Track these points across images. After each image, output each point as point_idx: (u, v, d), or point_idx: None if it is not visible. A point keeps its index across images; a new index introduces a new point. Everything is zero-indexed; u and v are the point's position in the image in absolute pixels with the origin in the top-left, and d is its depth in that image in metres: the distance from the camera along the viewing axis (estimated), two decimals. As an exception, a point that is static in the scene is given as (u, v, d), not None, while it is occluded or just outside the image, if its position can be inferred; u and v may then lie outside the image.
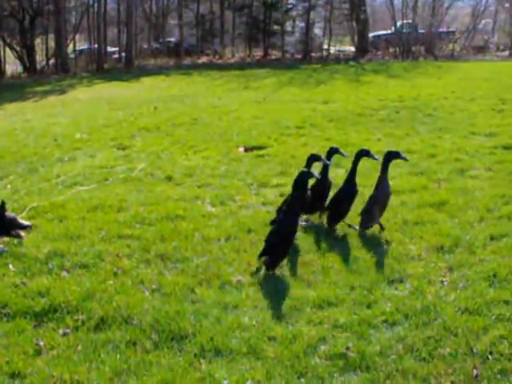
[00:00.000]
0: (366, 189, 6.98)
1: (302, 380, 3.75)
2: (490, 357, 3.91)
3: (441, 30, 37.06)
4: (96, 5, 34.05)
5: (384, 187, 6.22)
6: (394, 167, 8.49)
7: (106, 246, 5.88)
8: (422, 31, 35.80)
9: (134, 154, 9.96)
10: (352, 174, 6.30)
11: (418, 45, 35.29)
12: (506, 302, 4.58)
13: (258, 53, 38.28)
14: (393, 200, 7.03)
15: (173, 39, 39.51)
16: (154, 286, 5.02)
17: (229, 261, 5.47)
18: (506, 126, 11.22)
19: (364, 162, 6.67)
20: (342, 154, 6.70)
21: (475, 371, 3.76)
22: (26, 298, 4.81)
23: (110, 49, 36.55)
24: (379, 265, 5.31)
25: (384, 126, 11.66)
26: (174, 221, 6.53)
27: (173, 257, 5.62)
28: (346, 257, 5.51)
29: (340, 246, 5.80)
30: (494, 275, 5.02)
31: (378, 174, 6.31)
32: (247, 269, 5.29)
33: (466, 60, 31.46)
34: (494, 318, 4.36)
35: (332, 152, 6.66)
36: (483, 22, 40.48)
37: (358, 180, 6.34)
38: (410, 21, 35.44)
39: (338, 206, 6.24)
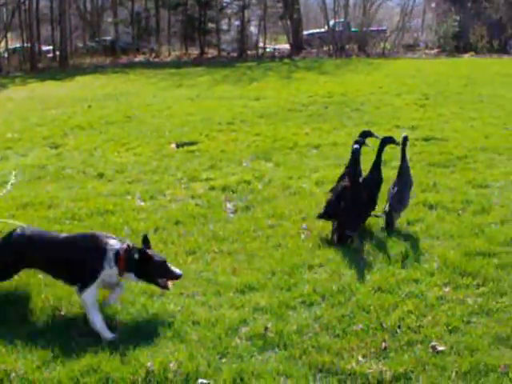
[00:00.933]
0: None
1: (224, 360, 3.97)
2: (398, 330, 4.24)
3: (372, 28, 37.94)
4: (27, 1, 33.41)
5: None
6: (320, 159, 8.89)
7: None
8: (355, 30, 36.59)
9: (66, 153, 10.04)
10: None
11: (350, 43, 36.01)
12: (416, 281, 4.94)
13: (194, 51, 38.37)
14: (317, 190, 7.40)
15: (108, 38, 39.19)
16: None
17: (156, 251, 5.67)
18: (427, 120, 11.75)
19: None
20: (375, 136, 6.74)
21: (384, 344, 4.07)
22: None
23: (44, 47, 36.05)
24: (301, 251, 5.59)
25: (312, 120, 12.04)
26: (103, 216, 6.69)
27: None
28: (269, 244, 5.79)
29: (265, 234, 6.06)
30: (407, 256, 5.38)
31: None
32: (174, 259, 5.50)
33: (397, 58, 32.29)
34: (403, 295, 4.70)
35: (365, 135, 6.71)
36: (415, 20, 41.60)
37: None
38: (343, 19, 36.14)
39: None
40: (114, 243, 4.42)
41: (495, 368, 3.75)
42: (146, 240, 4.60)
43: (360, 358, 3.92)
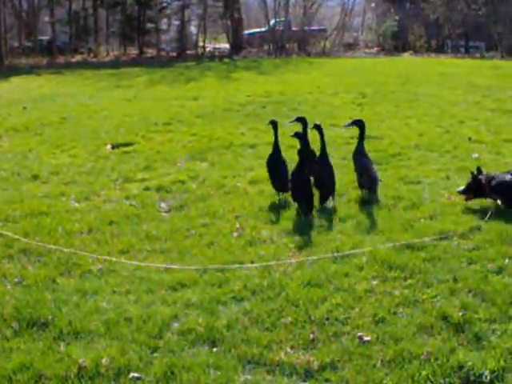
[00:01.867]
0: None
1: (155, 354, 4.02)
2: (326, 322, 4.34)
3: (313, 27, 38.33)
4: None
5: None
6: (255, 158, 8.98)
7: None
8: (296, 29, 36.90)
9: (0, 155, 9.89)
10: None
11: (291, 42, 36.31)
12: (346, 275, 5.06)
13: (133, 51, 38.08)
14: (251, 189, 7.49)
15: (45, 37, 38.51)
16: (16, 280, 5.14)
17: (90, 251, 5.68)
18: (363, 118, 11.88)
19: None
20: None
21: (312, 335, 4.17)
22: None
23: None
24: (233, 248, 5.67)
25: (249, 120, 12.14)
26: (37, 217, 6.65)
27: (36, 251, 5.75)
28: (202, 242, 5.85)
29: (198, 233, 6.12)
30: (338, 251, 5.50)
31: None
32: (107, 258, 5.52)
33: (337, 57, 32.74)
34: (332, 288, 4.82)
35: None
36: (355, 20, 42.24)
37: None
38: (284, 19, 36.41)
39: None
40: None
41: (418, 355, 3.88)
42: None
43: (288, 350, 4.01)
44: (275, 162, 7.21)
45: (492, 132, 10.43)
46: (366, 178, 7.02)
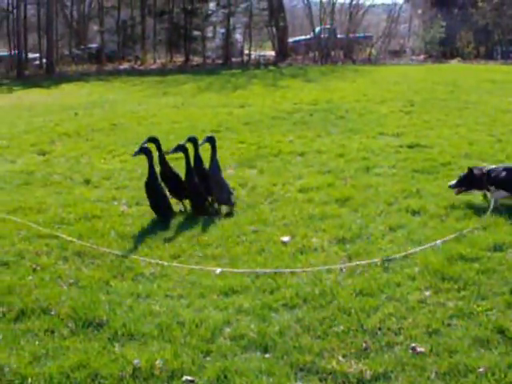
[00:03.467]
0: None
1: (208, 358, 4.06)
2: (378, 332, 4.32)
3: (359, 34, 38.21)
4: (15, 11, 33.56)
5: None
6: (304, 167, 8.99)
7: (25, 246, 6.08)
8: (341, 36, 36.82)
9: (53, 160, 10.11)
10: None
11: (336, 49, 36.25)
12: (398, 284, 5.01)
13: (180, 58, 38.45)
14: (299, 197, 7.49)
15: (94, 45, 39.23)
16: (71, 281, 5.25)
17: (142, 255, 5.76)
18: (412, 127, 11.88)
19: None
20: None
21: (364, 345, 4.15)
22: None
23: (30, 55, 36.07)
24: (283, 256, 5.68)
25: (297, 128, 12.13)
26: (91, 220, 6.78)
27: (89, 253, 5.86)
28: (252, 249, 5.88)
29: (247, 239, 6.15)
30: (390, 261, 5.47)
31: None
32: (159, 262, 5.59)
33: (383, 64, 32.55)
34: (384, 298, 4.79)
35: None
36: (402, 26, 41.92)
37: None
38: (329, 26, 36.38)
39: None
40: None
41: (474, 369, 3.81)
42: None
43: (340, 358, 4.00)
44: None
45: (546, 142, 10.24)
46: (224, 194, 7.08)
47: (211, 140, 7.35)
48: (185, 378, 3.83)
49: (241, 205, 7.27)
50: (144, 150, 7.02)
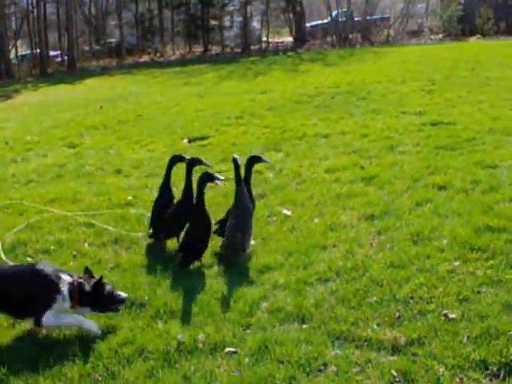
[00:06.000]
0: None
1: (248, 331, 4.25)
2: (410, 301, 4.47)
3: (376, 16, 38.05)
4: (35, 10, 34.00)
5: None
6: (329, 148, 9.13)
7: (63, 234, 6.31)
8: (358, 19, 36.71)
9: (83, 152, 10.36)
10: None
11: (354, 32, 36.16)
12: (427, 256, 5.15)
13: (198, 49, 38.64)
14: (326, 177, 7.63)
15: (113, 40, 39.55)
16: (111, 265, 5.48)
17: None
18: (434, 105, 11.93)
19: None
20: (264, 160, 6.11)
21: (397, 313, 4.31)
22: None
23: (52, 53, 36.51)
24: (314, 233, 5.84)
25: (320, 111, 12.26)
26: (124, 207, 6.99)
27: (126, 239, 6.07)
28: (283, 228, 6.06)
29: (279, 219, 6.33)
30: (418, 235, 5.60)
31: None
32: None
33: (401, 45, 32.42)
34: (415, 269, 4.93)
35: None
36: (419, 6, 41.60)
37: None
38: (346, 9, 36.29)
39: None
40: (66, 278, 4.34)
41: (505, 332, 3.94)
42: (88, 271, 4.54)
43: (375, 327, 4.16)
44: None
45: None
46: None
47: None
48: (227, 349, 4.03)
49: (269, 187, 7.43)
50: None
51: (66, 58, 34.37)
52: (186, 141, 10.41)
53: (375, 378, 3.65)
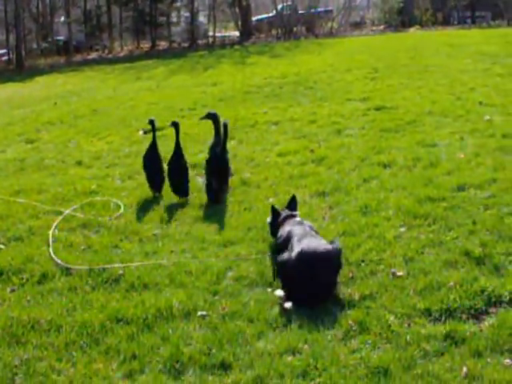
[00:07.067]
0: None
1: (217, 297, 4.68)
2: (362, 263, 4.98)
3: (319, 9, 38.70)
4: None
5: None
6: (280, 134, 9.60)
7: (33, 222, 6.59)
8: (302, 12, 37.30)
9: (42, 146, 10.55)
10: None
11: (298, 25, 36.74)
12: (376, 225, 5.68)
13: (146, 44, 38.69)
14: (279, 160, 8.12)
15: (61, 37, 39.19)
16: (83, 247, 5.82)
17: (143, 220, 6.37)
18: (377, 91, 12.50)
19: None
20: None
21: (351, 274, 4.81)
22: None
23: (-2, 51, 36.03)
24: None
25: (269, 100, 12.71)
26: (89, 195, 7.32)
27: (94, 224, 6.41)
28: (242, 207, 6.52)
29: (237, 200, 6.77)
30: (366, 207, 6.13)
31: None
32: (160, 225, 6.20)
33: (345, 36, 33.11)
34: (365, 236, 5.46)
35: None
36: (359, -1, 42.51)
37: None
38: (290, 3, 36.84)
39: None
40: None
41: (445, 284, 4.49)
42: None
43: (331, 286, 4.65)
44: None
45: (502, 96, 10.92)
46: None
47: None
48: (199, 313, 4.45)
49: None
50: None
51: (12, 56, 33.94)
52: (141, 132, 10.71)
53: (334, 328, 4.13)
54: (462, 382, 3.52)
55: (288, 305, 4.36)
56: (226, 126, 6.87)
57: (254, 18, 40.51)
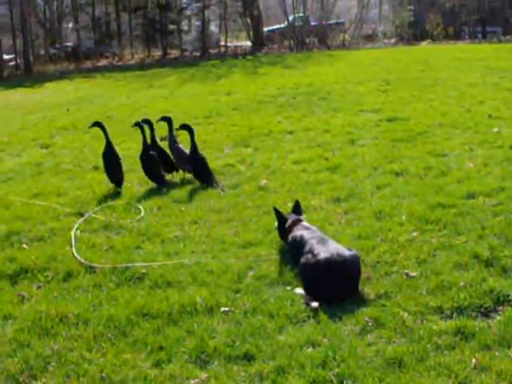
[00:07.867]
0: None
1: (238, 295, 4.88)
2: (377, 265, 5.20)
3: (331, 21, 39.05)
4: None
5: None
6: (295, 142, 9.84)
7: (55, 224, 6.80)
8: (314, 23, 37.65)
9: (57, 151, 10.80)
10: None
11: (310, 36, 37.07)
12: (389, 229, 5.89)
13: (157, 53, 39.02)
14: (294, 168, 8.36)
15: (70, 44, 39.53)
16: (105, 247, 6.03)
17: (163, 223, 6.59)
18: (389, 103, 12.77)
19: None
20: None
21: (367, 275, 5.02)
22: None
23: (5, 56, 36.32)
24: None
25: (283, 110, 12.97)
26: (109, 199, 7.54)
27: (115, 225, 6.64)
28: (260, 212, 6.73)
29: (255, 205, 6.98)
30: (380, 213, 6.34)
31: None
32: (180, 227, 6.42)
33: (356, 48, 33.43)
34: (379, 240, 5.67)
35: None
36: (373, 12, 42.82)
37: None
38: (302, 14, 37.19)
39: None
40: None
41: (456, 284, 4.71)
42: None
43: (348, 286, 4.86)
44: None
45: (510, 109, 11.16)
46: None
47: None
48: (222, 309, 4.65)
49: (243, 178, 8.09)
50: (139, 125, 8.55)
51: (20, 61, 34.14)
52: (157, 139, 10.92)
53: (352, 324, 4.34)
54: (471, 372, 3.71)
55: (315, 304, 4.57)
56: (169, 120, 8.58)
57: (265, 29, 40.85)
